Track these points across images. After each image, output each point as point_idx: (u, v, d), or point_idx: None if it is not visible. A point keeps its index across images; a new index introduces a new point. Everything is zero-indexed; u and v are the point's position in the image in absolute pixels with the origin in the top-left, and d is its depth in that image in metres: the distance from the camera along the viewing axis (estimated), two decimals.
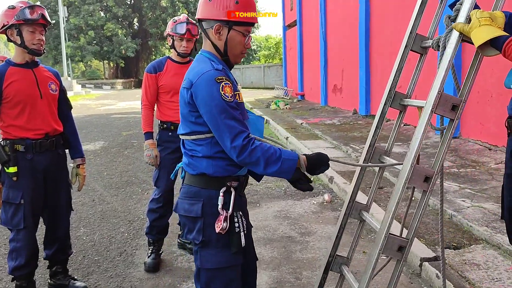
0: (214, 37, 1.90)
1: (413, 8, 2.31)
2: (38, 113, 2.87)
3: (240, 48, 1.93)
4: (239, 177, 1.96)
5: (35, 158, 2.86)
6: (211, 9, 1.87)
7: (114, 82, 42.88)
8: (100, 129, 11.99)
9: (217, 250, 1.89)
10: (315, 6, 16.31)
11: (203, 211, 1.88)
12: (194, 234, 1.91)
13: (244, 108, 1.93)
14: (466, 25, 1.75)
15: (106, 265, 3.58)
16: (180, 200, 1.99)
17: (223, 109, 1.76)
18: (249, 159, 1.75)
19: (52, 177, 2.99)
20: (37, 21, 2.76)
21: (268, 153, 1.76)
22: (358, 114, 11.81)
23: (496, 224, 3.68)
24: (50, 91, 2.94)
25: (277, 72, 32.07)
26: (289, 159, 1.79)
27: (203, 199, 1.89)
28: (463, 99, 1.82)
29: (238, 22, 1.86)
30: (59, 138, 3.00)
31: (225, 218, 1.85)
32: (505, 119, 2.41)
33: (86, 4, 40.83)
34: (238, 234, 1.88)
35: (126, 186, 6.04)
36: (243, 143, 1.73)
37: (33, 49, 2.81)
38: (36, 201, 2.90)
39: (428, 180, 1.86)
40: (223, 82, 1.78)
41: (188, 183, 1.96)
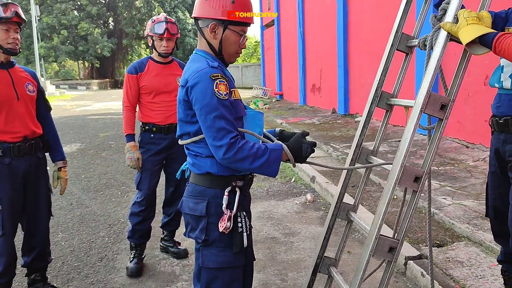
0: (209, 36, 1.90)
1: (390, 8, 2.33)
2: (15, 115, 2.76)
3: (235, 47, 1.93)
4: (244, 176, 1.95)
5: (13, 162, 2.75)
6: (207, 8, 1.87)
7: (90, 82, 42.16)
8: (76, 131, 11.74)
9: (219, 250, 1.89)
10: (292, 6, 16.36)
11: (208, 210, 1.88)
12: (197, 233, 1.92)
13: (241, 104, 1.92)
14: (454, 25, 1.75)
15: (87, 271, 3.48)
16: (185, 199, 1.99)
17: (215, 107, 1.75)
18: (236, 157, 1.73)
19: (32, 182, 2.88)
20: (11, 19, 2.66)
21: (255, 148, 1.75)
22: (337, 113, 11.89)
23: (477, 221, 3.74)
24: (27, 92, 2.83)
25: (255, 71, 32.06)
26: (275, 149, 1.80)
27: (208, 198, 1.89)
28: (452, 99, 1.82)
29: (234, 21, 1.87)
30: (38, 141, 2.90)
31: (228, 217, 1.85)
32: (481, 117, 2.44)
33: (59, 2, 39.97)
34: (241, 234, 1.88)
35: (105, 189, 5.91)
36: (230, 141, 1.72)
37: (8, 49, 2.71)
38: (15, 207, 2.79)
39: (418, 180, 1.85)
40: (218, 79, 1.77)
41: (193, 182, 1.96)
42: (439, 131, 1.85)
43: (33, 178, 2.89)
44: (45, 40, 39.61)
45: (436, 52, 1.81)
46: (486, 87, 5.99)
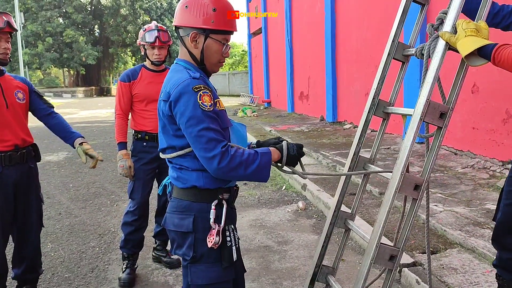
0: (190, 45, 1.83)
1: (378, 16, 2.34)
2: (4, 124, 2.72)
3: (218, 57, 1.86)
4: (230, 189, 1.89)
5: (4, 171, 2.71)
6: (187, 16, 1.80)
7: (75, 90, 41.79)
8: None
9: (207, 266, 1.81)
10: (280, 14, 16.46)
11: (195, 226, 1.80)
12: (184, 250, 1.83)
13: (226, 115, 1.86)
14: (452, 36, 1.77)
15: (78, 283, 3.41)
16: (169, 215, 1.89)
17: (201, 119, 1.68)
18: (230, 165, 1.66)
19: (23, 192, 2.84)
20: (3, 29, 2.64)
21: (245, 154, 1.70)
22: (325, 121, 11.95)
23: (469, 228, 3.77)
24: (16, 100, 2.79)
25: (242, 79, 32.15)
26: (265, 153, 1.75)
27: (194, 213, 1.81)
28: (451, 107, 1.84)
29: (215, 30, 1.80)
30: (30, 150, 2.86)
31: (217, 232, 1.77)
32: (469, 125, 2.46)
33: (44, 10, 39.67)
34: (230, 248, 1.81)
35: (94, 198, 5.83)
36: (222, 150, 1.65)
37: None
38: (5, 217, 2.74)
39: (418, 188, 1.86)
40: (201, 91, 1.70)
41: (177, 197, 1.87)
42: (438, 139, 1.87)
43: (24, 188, 2.84)
44: (30, 47, 39.19)
45: (435, 61, 1.82)
46: (474, 95, 6.09)
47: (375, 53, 9.21)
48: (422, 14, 2.25)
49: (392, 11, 8.32)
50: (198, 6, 1.78)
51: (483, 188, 4.91)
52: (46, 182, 6.62)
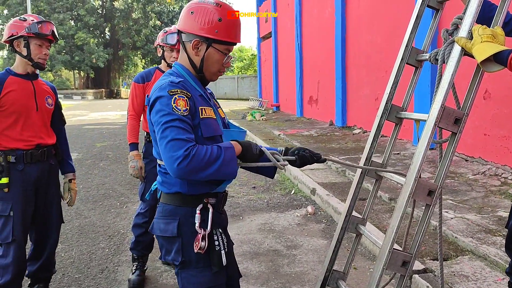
0: (192, 52, 1.81)
1: (388, 21, 2.33)
2: (31, 125, 2.83)
3: (218, 66, 1.85)
4: (217, 194, 1.86)
5: (26, 169, 2.79)
6: (192, 23, 1.78)
7: (85, 92, 42.15)
8: (72, 141, 11.67)
9: (198, 271, 1.79)
10: (290, 18, 16.49)
11: (180, 230, 1.79)
12: (172, 255, 1.81)
13: (215, 123, 1.83)
14: (468, 41, 1.76)
15: (88, 283, 3.43)
16: (155, 220, 1.88)
17: (169, 120, 1.65)
18: (189, 167, 1.59)
19: (43, 189, 2.92)
20: (47, 36, 2.78)
21: (208, 154, 1.63)
22: (335, 125, 11.92)
23: (480, 235, 3.73)
24: (46, 105, 2.92)
25: (251, 83, 32.20)
26: (228, 147, 1.70)
27: (179, 217, 1.80)
28: (466, 112, 1.83)
29: (219, 40, 1.78)
30: (50, 149, 2.95)
31: (203, 237, 1.75)
32: (481, 131, 2.44)
33: (56, 12, 40.11)
34: (219, 252, 1.79)
35: (104, 200, 5.86)
36: (185, 153, 1.59)
37: (38, 63, 2.82)
38: (26, 214, 2.80)
39: (432, 194, 1.84)
40: (176, 95, 1.69)
41: (163, 202, 1.86)
42: (452, 145, 1.86)
43: (45, 185, 2.92)
44: None
45: (450, 66, 1.81)
46: (486, 101, 6.05)
47: (385, 58, 9.18)
48: (436, 19, 2.24)
49: (402, 16, 8.30)
50: (204, 13, 1.76)
51: (495, 195, 4.86)
52: None
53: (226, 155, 1.67)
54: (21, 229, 2.76)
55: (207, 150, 1.64)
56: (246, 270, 3.62)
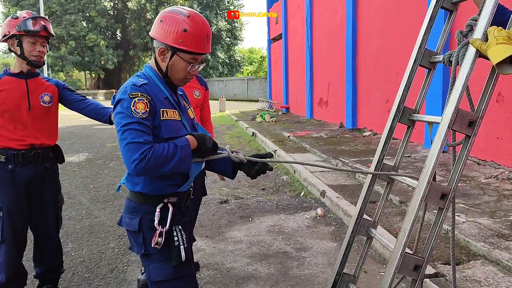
0: (159, 58, 1.91)
1: (399, 24, 2.31)
2: (23, 125, 2.77)
3: (183, 74, 1.92)
4: (179, 193, 1.96)
5: (16, 169, 2.74)
6: (160, 30, 1.86)
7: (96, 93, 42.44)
8: (83, 141, 11.77)
9: (161, 263, 1.91)
10: (301, 20, 16.47)
11: (141, 226, 1.91)
12: (137, 247, 1.95)
13: (178, 124, 1.92)
14: (483, 43, 1.74)
15: (98, 283, 3.44)
16: (123, 214, 2.01)
17: (129, 123, 1.74)
18: (147, 167, 1.70)
19: (37, 192, 2.85)
20: (39, 32, 2.71)
21: (164, 152, 1.74)
22: (345, 127, 11.87)
23: (493, 239, 3.68)
24: (41, 103, 2.83)
25: (261, 84, 32.21)
26: (183, 145, 1.80)
27: (141, 214, 1.91)
28: (480, 115, 1.80)
29: (182, 49, 1.85)
30: (47, 151, 2.87)
31: (160, 233, 1.86)
32: (493, 134, 2.41)
33: (68, 14, 40.47)
34: (178, 247, 1.90)
35: (114, 200, 5.89)
36: (140, 156, 1.69)
37: (32, 61, 2.75)
38: (16, 214, 2.76)
39: (445, 198, 1.82)
40: (136, 98, 1.77)
41: (128, 197, 1.98)
42: (466, 148, 1.83)
43: (39, 188, 2.85)
44: (53, 50, 39.98)
45: (465, 68, 1.79)
46: (498, 104, 5.97)
47: (396, 61, 9.13)
48: (450, 21, 2.21)
49: (413, 19, 8.24)
50: (171, 23, 1.83)
51: (508, 199, 4.80)
52: (67, 183, 6.72)
53: (182, 152, 1.78)
54: (11, 229, 2.74)
55: (163, 149, 1.75)
56: (255, 271, 3.61)
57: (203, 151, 1.89)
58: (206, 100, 3.43)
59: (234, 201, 5.71)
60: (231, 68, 49.16)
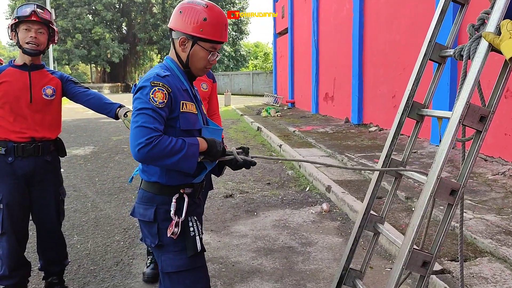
0: (179, 48, 1.94)
1: (406, 19, 2.27)
2: (23, 117, 2.75)
3: (203, 63, 1.96)
4: (194, 184, 1.99)
5: (16, 162, 2.73)
6: (180, 21, 1.91)
7: (101, 86, 42.51)
8: (89, 134, 11.79)
9: (175, 254, 1.92)
10: (307, 14, 16.38)
11: (156, 216, 1.92)
12: (150, 238, 1.95)
13: (195, 118, 1.94)
14: (496, 37, 1.70)
15: (103, 275, 3.45)
16: (136, 205, 2.02)
17: (144, 108, 1.77)
18: (149, 154, 1.71)
19: (38, 185, 2.83)
20: (28, 17, 2.67)
21: (171, 145, 1.75)
22: (350, 123, 11.82)
23: (500, 236, 3.65)
24: (43, 96, 2.80)
25: (266, 79, 32.12)
26: (192, 144, 1.81)
27: (156, 204, 1.92)
28: (492, 110, 1.77)
29: (203, 38, 1.89)
30: (47, 144, 2.84)
31: (176, 223, 1.88)
32: (501, 130, 2.38)
33: (74, 6, 40.47)
34: (194, 238, 1.91)
35: (119, 193, 5.90)
36: (147, 141, 1.70)
37: (26, 49, 2.71)
38: (16, 207, 2.76)
39: (454, 194, 1.80)
40: (157, 87, 1.80)
41: (143, 188, 1.99)
42: (477, 143, 1.80)
43: (39, 182, 2.83)
44: (59, 43, 40.05)
45: (477, 62, 1.76)
46: (507, 100, 5.91)
47: (403, 55, 9.06)
48: (462, 14, 2.18)
49: (421, 14, 8.16)
50: (191, 13, 1.88)
51: None
52: (73, 176, 6.73)
53: (189, 150, 1.78)
54: (11, 222, 2.74)
55: (171, 141, 1.75)
56: (261, 266, 3.60)
57: (212, 155, 1.90)
58: (214, 92, 3.42)
59: (239, 196, 5.70)
60: (237, 63, 49.08)
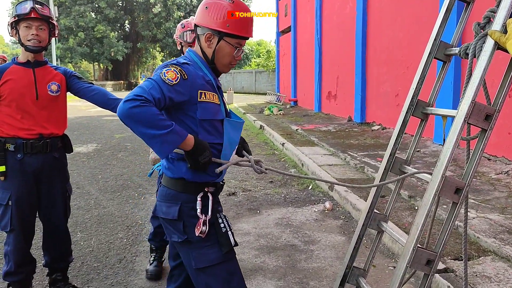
0: (205, 44, 1.93)
1: (410, 17, 2.27)
2: (31, 114, 2.76)
3: (229, 59, 1.96)
4: (216, 184, 1.99)
5: (25, 159, 2.74)
6: (206, 17, 1.90)
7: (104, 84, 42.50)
8: (92, 131, 11.82)
9: (206, 249, 1.90)
10: (310, 12, 16.35)
11: (180, 214, 1.90)
12: (177, 235, 1.93)
13: (216, 108, 1.92)
14: (503, 35, 1.70)
15: (106, 272, 3.46)
16: (158, 202, 2.00)
17: (152, 79, 1.76)
18: (131, 111, 1.63)
19: (46, 182, 2.85)
20: (28, 15, 2.66)
21: (158, 117, 1.66)
22: (353, 121, 11.80)
23: (504, 235, 3.65)
24: (48, 92, 2.81)
25: (269, 77, 32.09)
26: (179, 132, 1.72)
27: (180, 202, 1.91)
28: (497, 109, 1.77)
29: (229, 34, 1.89)
30: (55, 141, 2.86)
31: (203, 222, 1.86)
32: (505, 129, 2.37)
33: (77, 4, 40.46)
34: (226, 233, 1.92)
35: (122, 190, 5.91)
36: (134, 97, 1.65)
37: (27, 46, 2.71)
38: (25, 204, 2.77)
39: (459, 192, 1.79)
40: (172, 68, 1.79)
41: (166, 185, 1.96)
42: (482, 142, 1.80)
43: (47, 178, 2.85)
44: (62, 41, 40.08)
45: (482, 61, 1.75)
46: (510, 99, 5.89)
47: (407, 54, 9.03)
48: (467, 13, 2.17)
49: (425, 12, 8.14)
50: (217, 8, 1.88)
51: None
52: (76, 173, 6.75)
53: (168, 136, 1.69)
54: (19, 218, 2.75)
55: (159, 114, 1.67)
56: (263, 264, 3.60)
57: (193, 159, 1.80)
58: None
59: (242, 194, 5.71)
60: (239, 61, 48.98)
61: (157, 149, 1.74)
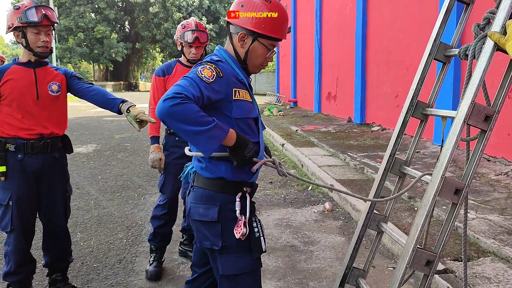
0: (237, 43, 1.89)
1: (409, 18, 2.27)
2: (31, 114, 2.76)
3: (261, 60, 1.91)
4: (253, 184, 1.94)
5: (25, 159, 2.74)
6: (240, 15, 1.86)
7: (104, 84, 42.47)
8: (91, 132, 11.82)
9: (237, 255, 1.84)
10: (310, 13, 16.36)
11: (220, 216, 1.83)
12: (212, 240, 1.84)
13: (250, 106, 1.90)
14: (502, 36, 1.70)
15: (106, 273, 3.46)
16: (193, 205, 1.90)
17: (190, 77, 1.72)
18: (172, 109, 1.59)
19: (46, 182, 2.85)
20: (40, 23, 2.66)
21: (199, 114, 1.63)
22: (353, 122, 11.81)
23: (503, 236, 3.65)
24: (49, 92, 2.81)
25: (268, 78, 32.07)
26: (222, 127, 1.69)
27: (219, 203, 1.84)
28: (497, 110, 1.78)
29: (264, 35, 1.85)
30: (55, 141, 2.86)
31: (244, 223, 1.80)
32: (504, 130, 2.37)
33: (77, 5, 40.44)
34: (258, 239, 1.85)
35: (122, 191, 5.91)
36: (175, 94, 1.62)
37: (38, 52, 2.73)
38: (25, 204, 2.77)
39: (458, 193, 1.80)
40: (208, 66, 1.77)
41: (202, 186, 1.89)
42: (482, 143, 1.81)
43: (47, 178, 2.85)
44: (61, 42, 40.08)
45: (482, 62, 1.76)
46: (509, 100, 5.90)
47: (407, 54, 9.04)
48: (467, 14, 2.18)
49: (425, 13, 8.15)
50: (253, 8, 1.83)
51: None
52: (76, 173, 6.75)
53: (213, 131, 1.65)
54: (19, 219, 2.75)
55: (200, 111, 1.63)
56: (263, 264, 3.59)
57: (237, 154, 1.76)
58: None
59: None
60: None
61: (202, 145, 1.68)
